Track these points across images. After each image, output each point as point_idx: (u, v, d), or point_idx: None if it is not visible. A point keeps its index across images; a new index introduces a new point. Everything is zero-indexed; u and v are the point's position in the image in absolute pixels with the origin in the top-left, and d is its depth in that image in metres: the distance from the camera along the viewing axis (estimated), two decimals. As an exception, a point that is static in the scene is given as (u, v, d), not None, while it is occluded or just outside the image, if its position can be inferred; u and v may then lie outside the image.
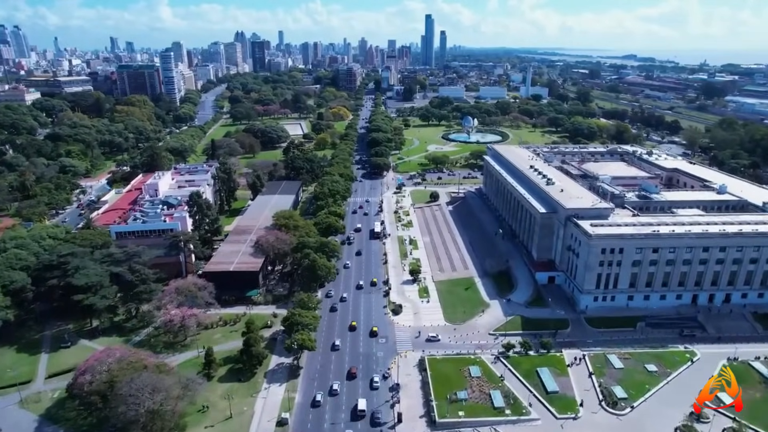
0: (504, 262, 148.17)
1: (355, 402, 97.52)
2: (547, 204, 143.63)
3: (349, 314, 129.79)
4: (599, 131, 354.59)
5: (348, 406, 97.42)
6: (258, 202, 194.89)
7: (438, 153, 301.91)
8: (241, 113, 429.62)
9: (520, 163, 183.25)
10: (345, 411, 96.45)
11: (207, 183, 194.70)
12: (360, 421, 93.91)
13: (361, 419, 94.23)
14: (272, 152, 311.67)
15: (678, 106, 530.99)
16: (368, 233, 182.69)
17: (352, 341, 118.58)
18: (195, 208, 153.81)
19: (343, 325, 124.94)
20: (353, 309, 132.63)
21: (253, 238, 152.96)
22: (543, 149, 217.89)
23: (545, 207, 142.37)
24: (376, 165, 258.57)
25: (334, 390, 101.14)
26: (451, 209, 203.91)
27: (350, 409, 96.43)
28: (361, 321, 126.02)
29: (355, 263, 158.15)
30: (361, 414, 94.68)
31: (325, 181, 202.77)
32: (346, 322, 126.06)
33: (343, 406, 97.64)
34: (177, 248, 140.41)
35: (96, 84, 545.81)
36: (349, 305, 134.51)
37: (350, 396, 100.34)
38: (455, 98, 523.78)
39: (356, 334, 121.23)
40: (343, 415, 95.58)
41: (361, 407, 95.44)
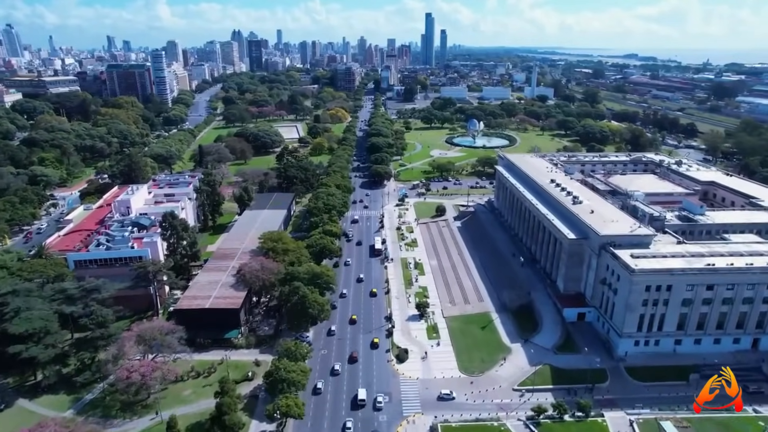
0: (525, 294, 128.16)
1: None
2: (576, 228, 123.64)
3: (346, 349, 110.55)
4: (612, 135, 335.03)
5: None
6: (245, 219, 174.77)
7: (442, 159, 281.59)
8: (235, 115, 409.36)
9: (538, 176, 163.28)
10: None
11: (189, 197, 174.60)
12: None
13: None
14: (265, 158, 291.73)
15: (689, 107, 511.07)
16: (368, 250, 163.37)
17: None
18: (169, 230, 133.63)
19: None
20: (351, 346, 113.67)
21: (235, 265, 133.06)
22: (560, 158, 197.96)
23: (574, 232, 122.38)
24: (376, 173, 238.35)
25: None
26: (459, 225, 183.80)
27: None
28: (360, 377, 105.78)
29: (353, 292, 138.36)
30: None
31: (321, 194, 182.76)
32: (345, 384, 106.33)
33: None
34: (146, 280, 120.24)
35: (84, 84, 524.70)
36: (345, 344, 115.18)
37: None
38: (458, 99, 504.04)
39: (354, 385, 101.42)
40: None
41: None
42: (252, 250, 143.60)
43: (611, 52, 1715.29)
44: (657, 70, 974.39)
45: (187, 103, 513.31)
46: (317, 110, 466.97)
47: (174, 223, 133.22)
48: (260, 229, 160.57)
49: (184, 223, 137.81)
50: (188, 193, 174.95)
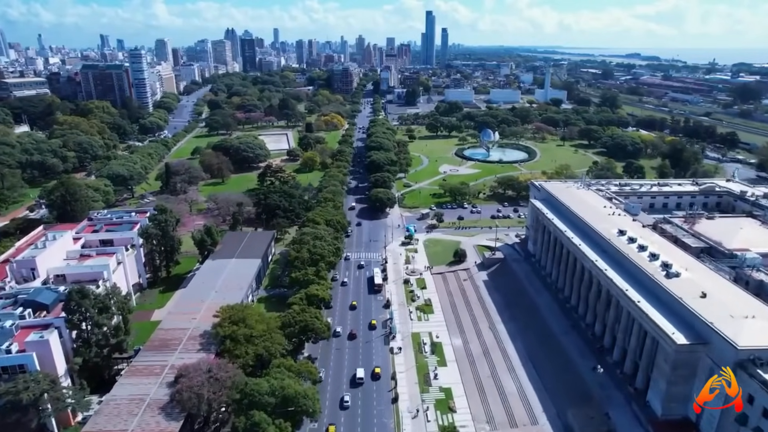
0: (601, 417, 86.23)
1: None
2: (685, 325, 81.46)
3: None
4: (644, 146, 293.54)
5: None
6: (205, 273, 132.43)
7: (454, 178, 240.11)
8: (218, 122, 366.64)
9: (595, 221, 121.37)
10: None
11: (131, 244, 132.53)
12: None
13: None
14: (247, 175, 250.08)
15: (716, 111, 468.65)
16: (365, 325, 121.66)
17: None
18: (77, 315, 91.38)
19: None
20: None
21: (175, 364, 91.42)
22: (609, 187, 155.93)
23: (683, 331, 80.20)
24: (377, 200, 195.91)
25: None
26: (486, 279, 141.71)
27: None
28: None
29: (345, 416, 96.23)
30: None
31: (306, 237, 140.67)
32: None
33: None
34: (23, 411, 77.90)
35: (57, 87, 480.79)
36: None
37: None
38: (464, 102, 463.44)
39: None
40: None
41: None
42: (205, 331, 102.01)
43: (611, 52, 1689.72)
44: (667, 71, 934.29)
45: (170, 108, 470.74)
46: (311, 115, 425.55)
47: (83, 304, 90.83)
48: (223, 291, 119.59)
49: (103, 303, 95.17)
50: (131, 240, 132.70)
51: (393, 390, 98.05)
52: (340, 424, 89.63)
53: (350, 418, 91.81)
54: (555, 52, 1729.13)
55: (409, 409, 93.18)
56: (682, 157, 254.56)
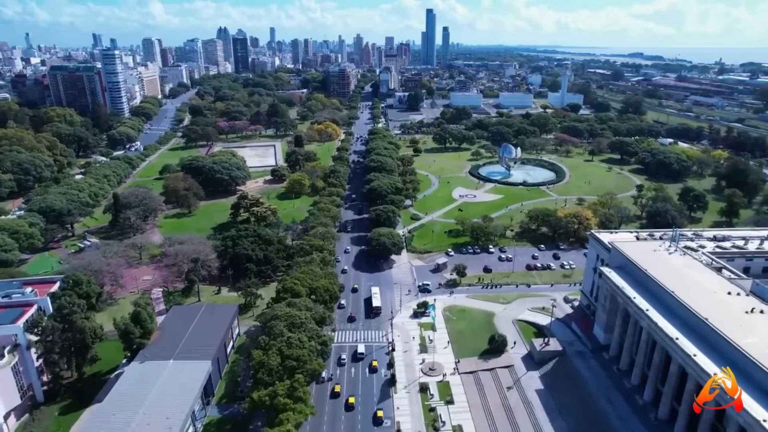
0: None
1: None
2: None
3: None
4: (691, 163, 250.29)
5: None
6: (129, 382, 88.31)
7: (471, 208, 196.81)
8: (197, 132, 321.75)
9: (721, 320, 77.66)
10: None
11: (10, 347, 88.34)
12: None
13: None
14: (221, 202, 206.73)
15: (750, 118, 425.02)
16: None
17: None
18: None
19: None
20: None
21: None
22: (703, 248, 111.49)
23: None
24: (380, 246, 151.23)
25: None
26: (540, 388, 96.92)
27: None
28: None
29: None
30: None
31: (277, 324, 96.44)
32: None
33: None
34: None
35: (23, 90, 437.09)
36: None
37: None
38: (472, 107, 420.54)
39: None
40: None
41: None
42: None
43: (611, 51, 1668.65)
44: (678, 71, 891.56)
45: (150, 114, 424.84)
46: (303, 122, 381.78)
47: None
48: (154, 412, 76.39)
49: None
50: (11, 340, 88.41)
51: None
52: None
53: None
54: (555, 52, 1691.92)
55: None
56: (746, 180, 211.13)
